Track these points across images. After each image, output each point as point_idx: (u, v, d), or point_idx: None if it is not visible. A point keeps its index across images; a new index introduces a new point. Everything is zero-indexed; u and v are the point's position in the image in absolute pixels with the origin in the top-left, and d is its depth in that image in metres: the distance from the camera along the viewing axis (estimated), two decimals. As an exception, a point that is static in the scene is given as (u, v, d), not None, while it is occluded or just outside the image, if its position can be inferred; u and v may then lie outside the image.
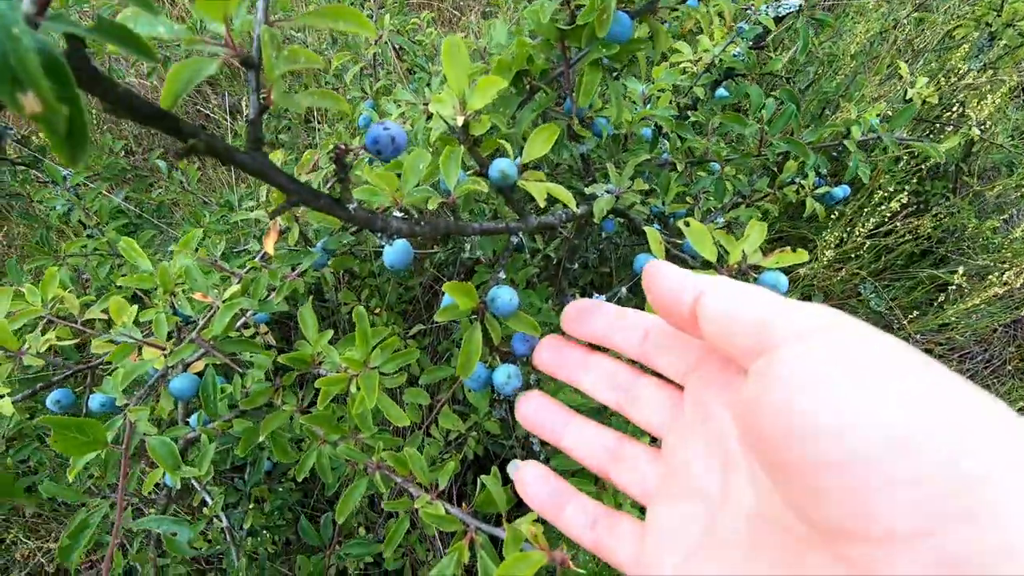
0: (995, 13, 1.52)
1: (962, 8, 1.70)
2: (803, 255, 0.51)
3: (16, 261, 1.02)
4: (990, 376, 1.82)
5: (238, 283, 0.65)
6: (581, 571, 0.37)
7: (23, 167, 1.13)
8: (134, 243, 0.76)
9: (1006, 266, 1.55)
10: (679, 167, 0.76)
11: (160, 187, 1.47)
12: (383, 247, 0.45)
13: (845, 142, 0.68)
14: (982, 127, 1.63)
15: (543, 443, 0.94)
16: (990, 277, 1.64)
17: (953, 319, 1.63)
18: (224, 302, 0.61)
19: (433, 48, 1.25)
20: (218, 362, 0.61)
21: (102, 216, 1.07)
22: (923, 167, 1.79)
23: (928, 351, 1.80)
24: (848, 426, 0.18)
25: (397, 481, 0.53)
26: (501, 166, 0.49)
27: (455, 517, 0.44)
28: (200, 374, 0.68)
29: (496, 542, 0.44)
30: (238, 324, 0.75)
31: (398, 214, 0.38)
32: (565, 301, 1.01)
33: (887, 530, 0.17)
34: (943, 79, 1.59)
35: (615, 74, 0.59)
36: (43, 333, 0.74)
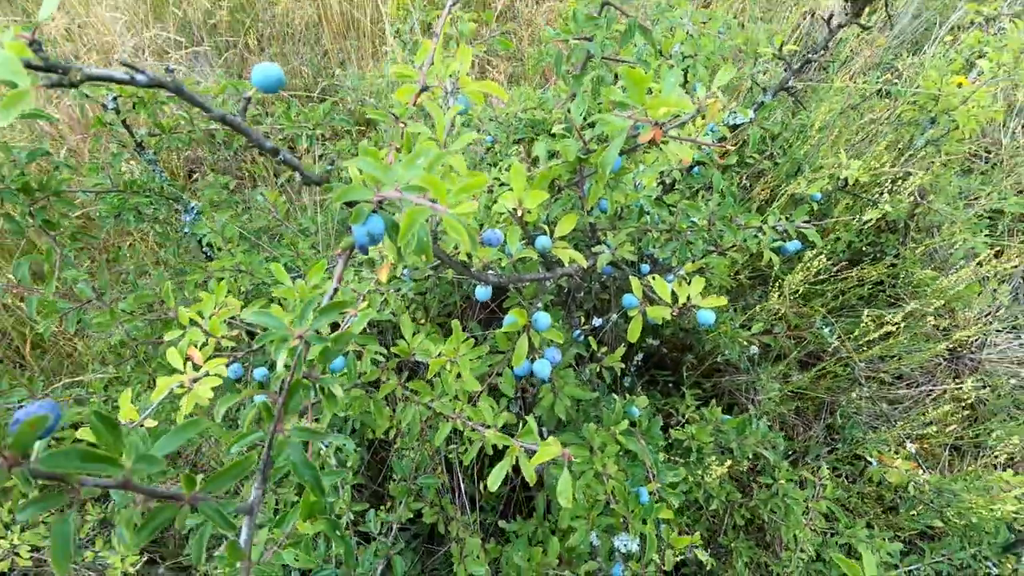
0: (933, 102, 1.88)
1: (908, 95, 2.05)
2: (723, 300, 0.86)
3: (167, 275, 1.39)
4: (931, 402, 2.14)
5: (364, 302, 1.02)
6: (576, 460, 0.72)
7: (172, 200, 1.51)
8: (280, 267, 1.13)
9: (934, 308, 1.89)
10: (655, 233, 1.12)
11: (255, 215, 1.85)
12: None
13: (759, 236, 1.04)
14: (923, 194, 1.99)
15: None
16: (927, 318, 1.99)
17: (893, 352, 1.97)
18: (360, 311, 0.97)
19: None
20: (353, 349, 0.97)
21: (234, 241, 1.44)
22: (879, 223, 2.15)
23: (871, 377, 2.13)
24: None
25: (471, 425, 0.88)
26: (542, 242, 0.85)
27: (508, 439, 0.80)
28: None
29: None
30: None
31: (492, 271, 0.74)
32: (573, 322, 1.36)
33: None
34: (887, 155, 1.95)
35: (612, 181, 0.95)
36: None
